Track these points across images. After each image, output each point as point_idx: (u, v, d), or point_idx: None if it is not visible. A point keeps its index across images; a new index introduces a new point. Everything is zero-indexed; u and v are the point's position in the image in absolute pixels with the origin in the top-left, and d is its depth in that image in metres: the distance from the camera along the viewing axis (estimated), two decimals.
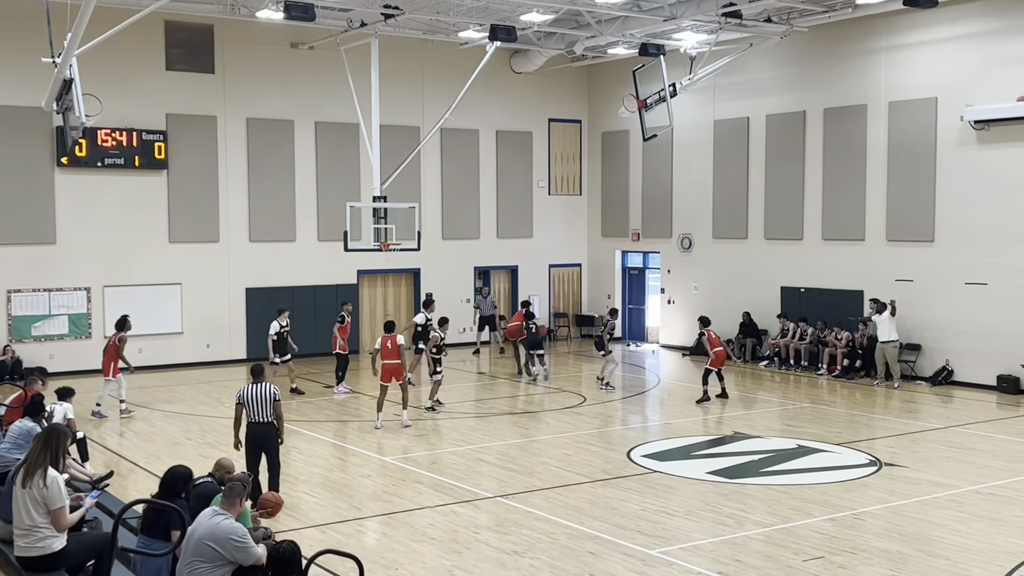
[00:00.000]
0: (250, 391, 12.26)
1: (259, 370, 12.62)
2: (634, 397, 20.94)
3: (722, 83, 25.73)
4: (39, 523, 8.23)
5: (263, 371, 12.65)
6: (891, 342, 21.24)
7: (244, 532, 7.73)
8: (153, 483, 11.59)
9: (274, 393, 12.26)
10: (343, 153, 26.24)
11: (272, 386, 12.37)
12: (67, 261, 23.13)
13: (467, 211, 28.50)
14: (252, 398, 12.23)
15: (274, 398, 12.23)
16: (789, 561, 10.33)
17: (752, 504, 12.53)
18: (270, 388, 12.29)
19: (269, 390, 12.25)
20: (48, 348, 22.91)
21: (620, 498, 12.78)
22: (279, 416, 12.33)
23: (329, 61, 24.62)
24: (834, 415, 18.52)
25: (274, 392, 12.27)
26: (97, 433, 16.72)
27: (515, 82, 28.98)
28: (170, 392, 21.16)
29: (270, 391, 12.25)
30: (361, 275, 26.90)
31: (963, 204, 21.25)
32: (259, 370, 12.62)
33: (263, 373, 12.59)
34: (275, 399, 12.23)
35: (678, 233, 27.82)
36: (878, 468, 14.33)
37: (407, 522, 11.80)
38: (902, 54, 22.36)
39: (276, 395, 12.27)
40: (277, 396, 12.29)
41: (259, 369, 12.65)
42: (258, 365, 12.83)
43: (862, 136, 23.08)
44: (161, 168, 23.96)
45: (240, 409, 12.31)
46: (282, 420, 12.42)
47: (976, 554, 10.54)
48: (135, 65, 23.47)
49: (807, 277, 24.42)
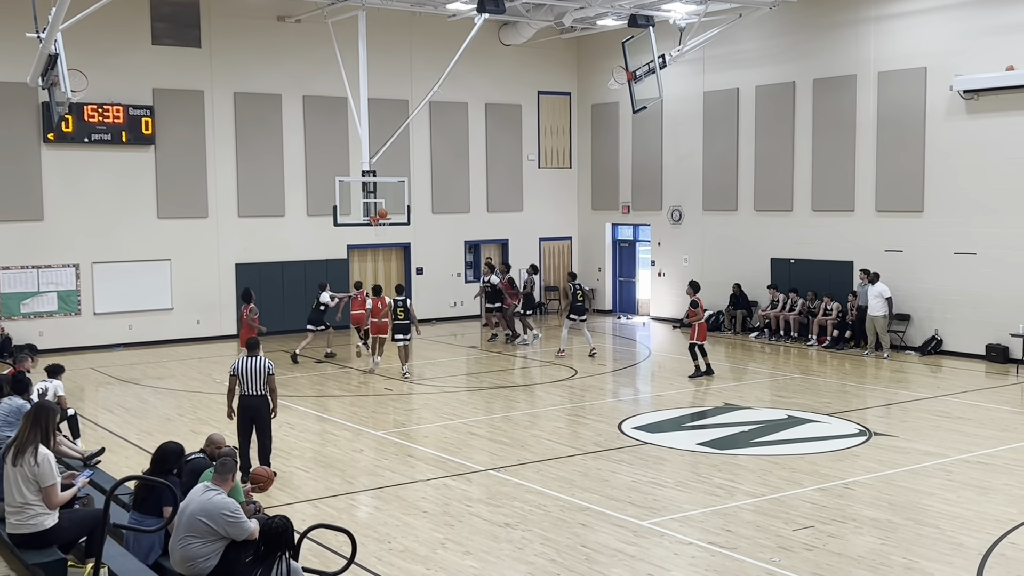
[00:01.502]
0: (244, 363, 12.25)
1: (255, 343, 12.61)
2: (625, 369, 20.99)
3: (711, 54, 25.65)
4: (31, 500, 8.24)
5: (259, 344, 12.67)
6: (880, 314, 21.30)
7: (236, 507, 7.76)
8: (145, 459, 11.60)
9: (268, 367, 12.28)
10: (331, 127, 26.12)
11: (267, 360, 12.37)
12: (55, 238, 23.02)
13: (457, 185, 28.44)
14: (246, 370, 12.23)
15: (268, 371, 12.25)
16: (779, 531, 10.40)
17: (742, 475, 12.60)
18: (264, 361, 12.30)
19: (263, 363, 12.26)
20: (38, 325, 22.84)
21: (611, 470, 12.84)
22: (272, 390, 12.34)
23: (316, 34, 24.46)
24: (824, 386, 18.60)
25: (268, 366, 12.29)
26: (88, 410, 16.71)
27: (504, 54, 28.84)
28: (161, 368, 21.15)
29: (264, 364, 12.26)
30: (351, 249, 26.85)
31: (952, 174, 21.27)
32: (255, 343, 12.61)
33: (259, 346, 12.60)
34: (269, 372, 12.26)
35: (668, 205, 27.81)
36: (868, 438, 14.41)
37: (399, 496, 11.84)
38: (891, 24, 22.30)
39: (270, 368, 12.30)
40: (271, 369, 12.32)
41: (255, 342, 12.64)
42: (254, 339, 12.80)
43: (851, 107, 23.05)
44: (148, 143, 23.82)
45: (234, 381, 12.31)
46: (275, 394, 12.44)
47: (965, 522, 10.62)
48: (121, 40, 23.28)
49: (797, 248, 24.45)
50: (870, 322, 21.54)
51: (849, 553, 9.75)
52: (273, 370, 12.36)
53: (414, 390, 18.56)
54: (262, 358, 12.35)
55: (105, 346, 23.49)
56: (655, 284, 28.52)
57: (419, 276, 27.84)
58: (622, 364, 21.60)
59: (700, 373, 19.46)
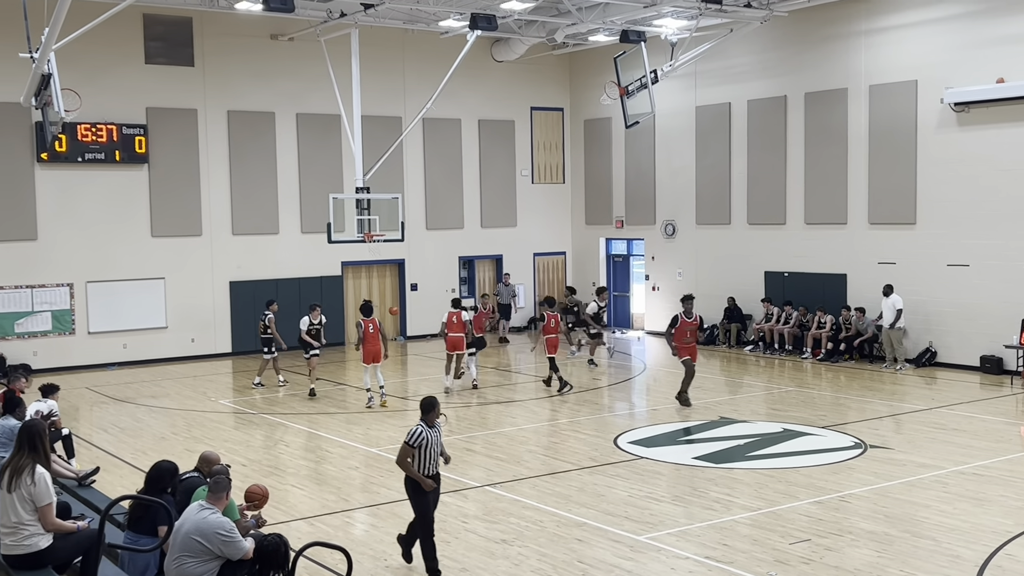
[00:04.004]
0: (429, 434, 9.72)
1: (429, 406, 9.85)
2: (620, 384, 20.98)
3: (703, 69, 25.75)
4: (25, 520, 8.20)
5: (433, 407, 9.87)
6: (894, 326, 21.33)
7: (231, 526, 7.73)
8: (139, 478, 11.53)
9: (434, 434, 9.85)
10: (325, 144, 26.15)
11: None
12: (49, 257, 22.99)
13: (451, 201, 28.47)
14: (432, 442, 9.74)
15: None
16: (776, 544, 10.39)
17: (739, 488, 12.59)
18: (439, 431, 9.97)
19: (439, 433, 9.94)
20: (32, 345, 22.78)
21: (607, 485, 12.82)
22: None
23: (309, 52, 24.52)
24: (819, 398, 18.61)
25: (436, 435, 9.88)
26: (83, 429, 16.66)
27: (496, 71, 28.92)
28: (155, 387, 21.09)
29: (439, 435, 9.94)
30: (345, 266, 26.85)
31: (944, 186, 21.35)
32: (429, 406, 9.85)
33: (432, 410, 9.85)
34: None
35: (662, 220, 27.86)
36: (863, 450, 14.41)
37: (395, 513, 11.80)
38: (882, 37, 22.42)
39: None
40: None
41: (432, 403, 9.88)
42: (429, 399, 9.91)
43: (843, 120, 23.14)
44: (142, 162, 23.83)
45: (412, 452, 9.66)
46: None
47: (961, 534, 10.62)
48: (114, 59, 23.32)
49: (790, 261, 24.50)
50: (886, 335, 21.58)
51: (846, 566, 9.74)
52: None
53: (408, 407, 18.53)
54: (439, 426, 9.97)
55: (99, 365, 23.43)
56: (649, 298, 28.54)
57: (413, 292, 27.84)
58: (617, 378, 21.59)
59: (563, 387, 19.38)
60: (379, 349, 18.20)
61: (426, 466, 9.68)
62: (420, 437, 9.62)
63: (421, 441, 9.62)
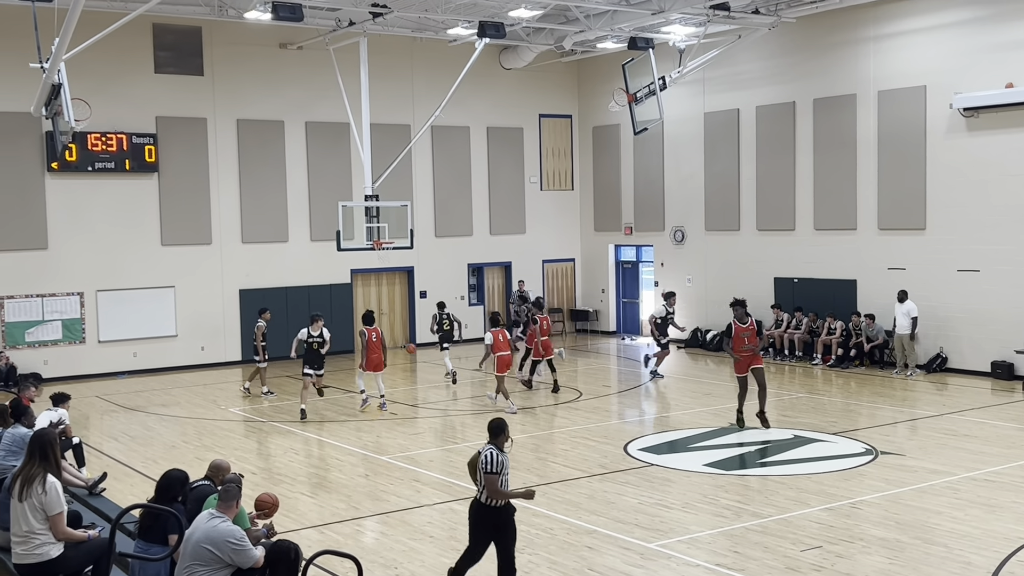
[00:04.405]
0: (504, 459, 9.07)
1: (498, 429, 9.20)
2: (630, 390, 20.95)
3: (711, 75, 25.74)
4: (36, 529, 8.22)
5: (503, 430, 9.20)
6: (905, 333, 21.28)
7: (242, 535, 7.73)
8: (149, 487, 11.55)
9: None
10: (334, 152, 26.21)
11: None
12: (59, 266, 23.08)
13: (459, 208, 28.50)
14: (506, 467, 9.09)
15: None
16: (787, 551, 10.35)
17: (749, 495, 12.55)
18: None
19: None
20: (42, 354, 22.86)
21: (618, 492, 12.80)
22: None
23: (318, 61, 24.59)
24: (829, 405, 18.55)
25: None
26: (93, 438, 16.69)
27: (505, 78, 28.97)
28: (165, 395, 21.13)
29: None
30: (355, 274, 26.89)
31: (954, 191, 21.29)
32: (498, 429, 9.20)
33: (502, 433, 9.18)
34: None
35: (671, 226, 27.84)
36: (874, 457, 14.36)
37: (405, 520, 11.80)
38: (890, 43, 22.39)
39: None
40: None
41: (501, 426, 9.21)
42: (498, 421, 9.24)
43: (852, 126, 23.10)
44: (152, 171, 23.91)
45: (501, 479, 8.96)
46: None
47: (973, 540, 10.57)
48: (123, 69, 23.42)
49: (800, 267, 24.46)
50: (898, 340, 21.53)
51: (857, 573, 9.70)
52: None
53: (418, 414, 18.53)
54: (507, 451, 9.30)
55: (110, 374, 23.50)
56: (659, 305, 28.42)
57: (423, 300, 27.86)
58: (627, 385, 21.56)
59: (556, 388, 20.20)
60: (381, 358, 18.35)
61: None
62: (500, 462, 8.86)
63: (502, 465, 8.89)
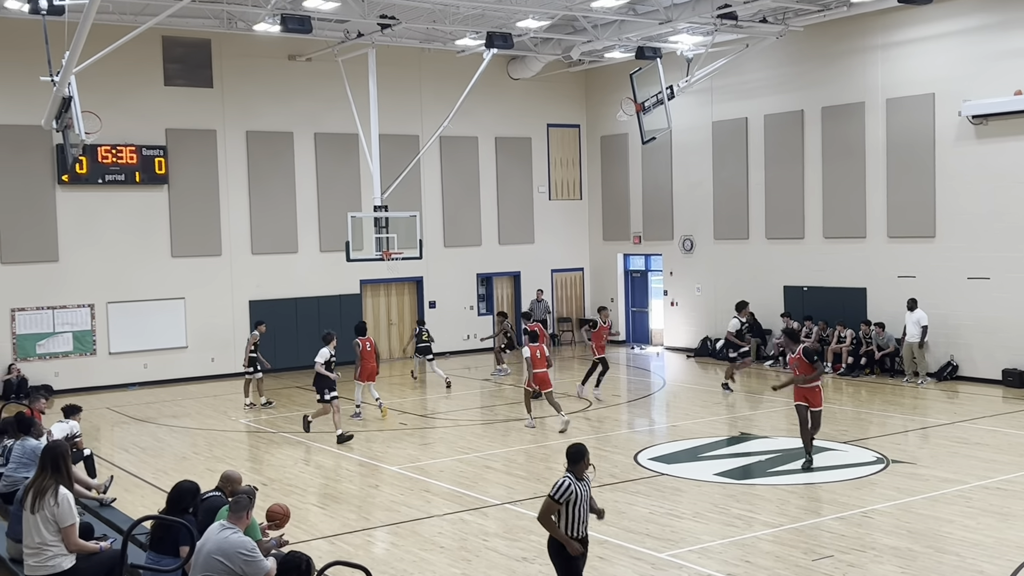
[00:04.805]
0: (578, 487, 8.25)
1: (578, 454, 8.38)
2: (640, 400, 20.92)
3: (719, 84, 25.76)
4: (49, 541, 8.25)
5: (582, 456, 8.39)
6: (915, 341, 21.23)
7: (253, 546, 7.74)
8: (161, 499, 11.59)
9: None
10: (343, 163, 26.28)
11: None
12: (70, 278, 23.16)
13: (468, 218, 28.53)
14: (581, 497, 8.27)
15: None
16: (799, 561, 10.32)
17: (760, 504, 12.52)
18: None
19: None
20: (53, 366, 22.93)
21: (628, 502, 12.78)
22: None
23: (327, 72, 24.67)
24: (840, 413, 18.50)
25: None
26: (104, 449, 16.73)
27: (513, 88, 29.02)
28: (176, 407, 21.18)
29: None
30: (364, 285, 26.93)
31: (963, 199, 21.25)
32: (578, 454, 8.38)
33: (582, 459, 8.37)
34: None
35: (679, 235, 27.83)
36: (885, 465, 14.32)
37: (416, 531, 11.81)
38: (898, 51, 22.38)
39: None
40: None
41: (580, 451, 8.40)
42: (578, 447, 8.44)
43: (860, 134, 23.09)
44: (162, 183, 24.01)
45: (557, 508, 8.23)
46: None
47: (985, 549, 10.53)
48: (134, 81, 23.53)
49: (810, 276, 24.42)
50: (907, 348, 21.48)
51: None
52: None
53: (427, 424, 18.53)
54: (588, 479, 8.53)
55: (120, 385, 23.56)
56: (668, 314, 28.48)
57: (432, 310, 27.88)
58: (637, 395, 21.54)
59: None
60: (375, 367, 18.83)
61: (574, 526, 8.19)
62: (568, 491, 8.13)
63: (569, 495, 8.13)
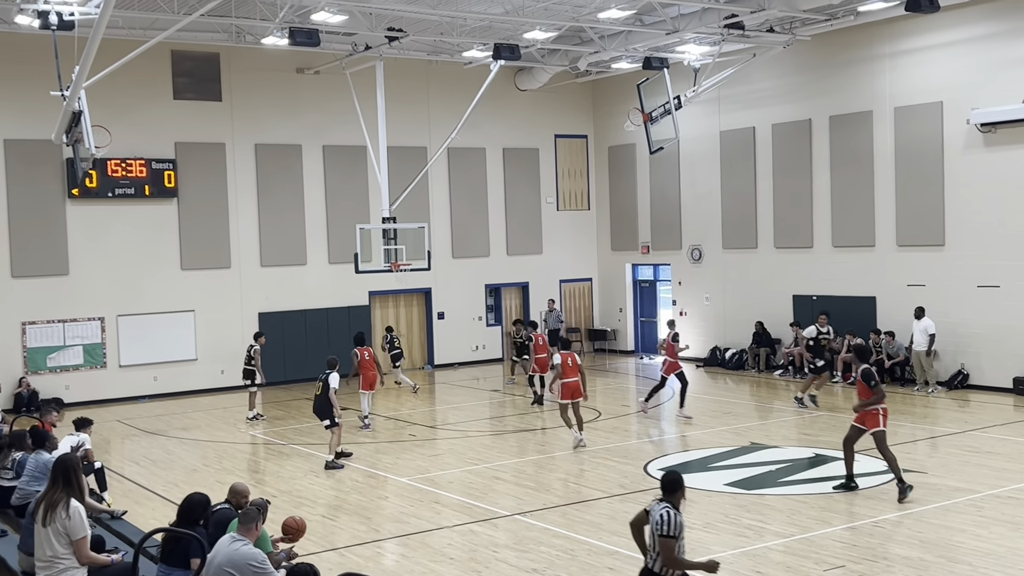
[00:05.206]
0: (681, 519, 7.91)
1: (675, 483, 8.17)
2: (649, 410, 20.86)
3: (727, 94, 25.77)
4: (60, 554, 8.26)
5: (680, 485, 8.16)
6: (922, 350, 21.20)
7: (263, 557, 7.75)
8: (171, 511, 11.61)
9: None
10: (351, 175, 26.34)
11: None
12: (80, 292, 23.24)
13: (476, 229, 28.56)
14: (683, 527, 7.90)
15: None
16: (810, 571, 10.29)
17: (771, 514, 12.49)
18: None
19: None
20: (64, 379, 22.99)
21: None
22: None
23: (335, 85, 24.76)
24: (850, 422, 18.39)
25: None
26: (115, 462, 16.76)
27: (520, 99, 29.07)
28: (186, 419, 21.21)
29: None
30: (373, 296, 26.96)
31: (973, 207, 21.21)
32: (675, 483, 8.17)
33: (680, 488, 8.14)
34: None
35: (688, 245, 27.81)
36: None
37: (426, 543, 11.80)
38: (906, 59, 22.37)
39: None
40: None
41: (677, 481, 8.19)
42: (674, 476, 8.27)
43: (869, 142, 23.07)
44: (171, 196, 24.09)
45: (678, 544, 7.99)
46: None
47: (998, 558, 10.48)
48: (143, 95, 23.63)
49: (819, 285, 24.37)
50: (916, 357, 21.44)
51: None
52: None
53: (437, 435, 18.53)
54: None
55: (131, 398, 23.61)
56: (677, 323, 28.36)
57: (440, 321, 27.90)
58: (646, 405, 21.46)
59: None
60: (375, 376, 19.34)
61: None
62: (678, 523, 7.78)
63: (680, 527, 7.82)
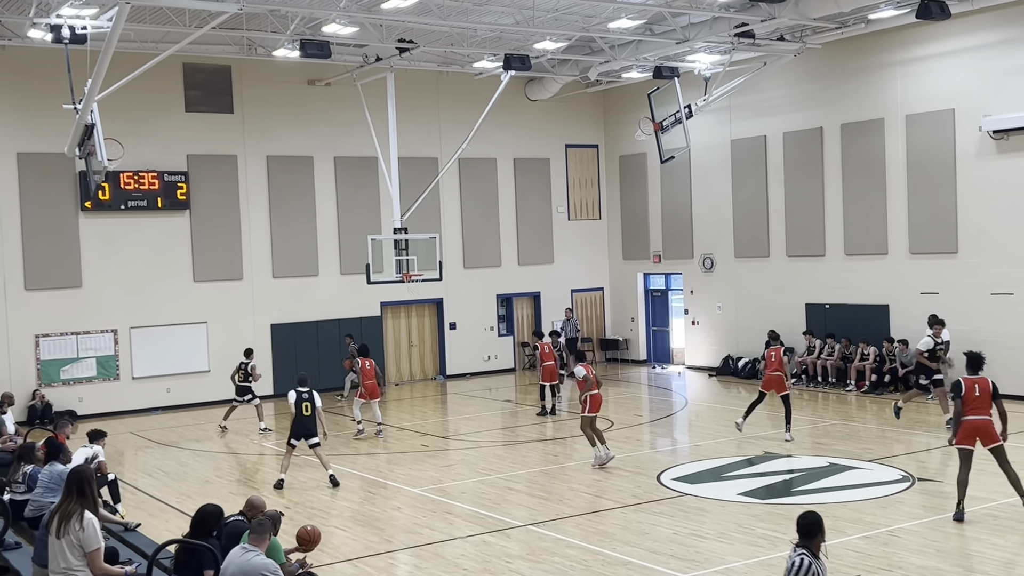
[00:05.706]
0: (818, 568, 6.98)
1: (816, 524, 7.17)
2: (662, 420, 20.84)
3: (737, 102, 25.75)
4: (74, 566, 8.27)
5: (820, 528, 7.16)
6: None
7: (276, 567, 7.76)
8: (184, 523, 11.62)
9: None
10: (363, 186, 26.40)
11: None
12: (93, 304, 23.32)
13: (487, 239, 28.58)
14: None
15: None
16: None
17: (785, 524, 12.41)
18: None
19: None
20: (77, 391, 23.06)
21: (652, 522, 12.71)
22: None
23: (346, 96, 24.83)
24: (864, 431, 18.37)
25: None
26: (128, 474, 16.80)
27: (531, 109, 29.11)
28: (199, 430, 21.24)
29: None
30: (384, 307, 26.99)
31: (985, 214, 21.13)
32: (816, 524, 7.17)
33: (819, 532, 7.14)
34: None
35: (699, 253, 27.77)
36: (911, 483, 14.20)
37: (439, 553, 11.78)
38: (917, 67, 22.33)
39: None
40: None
41: (816, 523, 7.19)
42: (812, 518, 7.20)
43: (880, 150, 23.02)
44: (184, 208, 24.18)
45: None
46: None
47: (1015, 568, 10.41)
48: (155, 108, 23.74)
49: (831, 293, 24.30)
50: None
51: None
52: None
53: (450, 446, 18.51)
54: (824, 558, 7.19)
55: (144, 410, 23.66)
56: (689, 333, 28.38)
57: (452, 331, 27.91)
58: (659, 414, 21.45)
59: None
60: (375, 385, 19.38)
61: None
62: (813, 572, 6.81)
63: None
